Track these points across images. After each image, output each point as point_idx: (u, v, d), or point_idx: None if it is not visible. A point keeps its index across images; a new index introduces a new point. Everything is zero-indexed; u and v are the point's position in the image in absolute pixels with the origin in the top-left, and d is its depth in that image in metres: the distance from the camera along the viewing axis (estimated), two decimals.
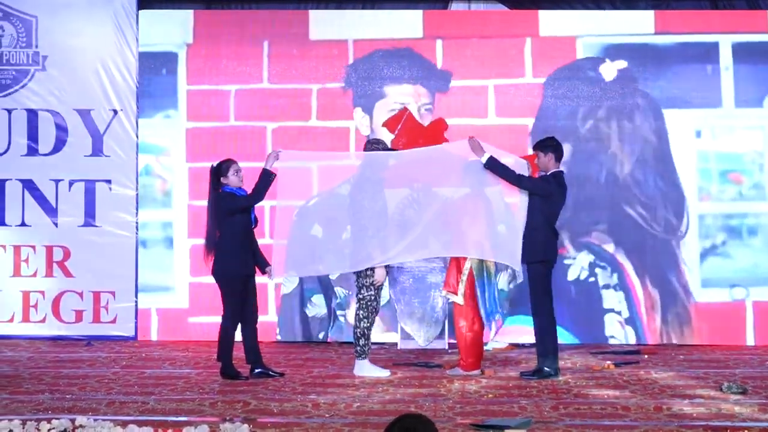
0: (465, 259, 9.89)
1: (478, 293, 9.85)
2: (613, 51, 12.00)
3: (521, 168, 9.82)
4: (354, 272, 10.00)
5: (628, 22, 12.04)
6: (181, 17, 12.10)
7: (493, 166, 9.63)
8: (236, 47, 12.06)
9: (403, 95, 12.01)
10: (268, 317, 11.66)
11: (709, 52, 11.94)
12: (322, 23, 12.06)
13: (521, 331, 11.63)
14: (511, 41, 12.05)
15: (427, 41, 12.03)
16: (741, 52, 11.87)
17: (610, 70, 11.92)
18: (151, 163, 12.10)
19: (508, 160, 9.83)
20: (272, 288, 11.82)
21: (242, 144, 11.87)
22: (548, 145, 9.86)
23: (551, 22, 12.00)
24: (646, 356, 11.06)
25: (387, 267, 9.98)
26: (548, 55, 11.97)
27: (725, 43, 11.86)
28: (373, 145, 10.16)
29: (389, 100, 12.02)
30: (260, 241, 9.90)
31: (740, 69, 11.87)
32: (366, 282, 9.88)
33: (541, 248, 9.70)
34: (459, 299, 9.89)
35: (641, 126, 11.88)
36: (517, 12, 12.17)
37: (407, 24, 12.07)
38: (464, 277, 9.89)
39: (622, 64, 11.88)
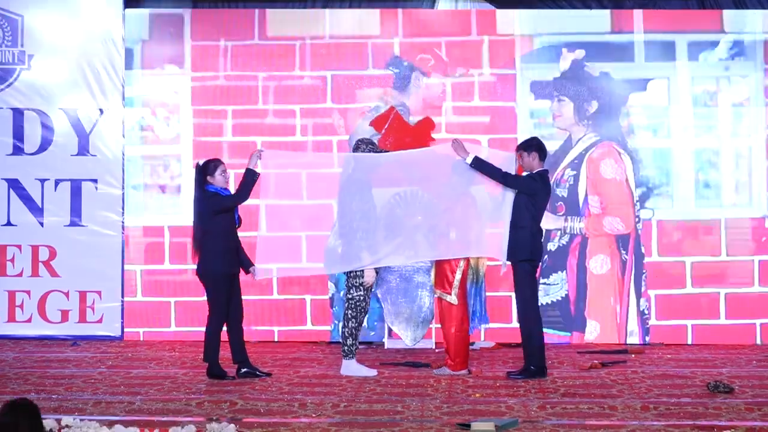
0: (459, 259, 9.94)
1: (469, 294, 9.90)
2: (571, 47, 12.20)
3: (510, 162, 9.91)
4: (344, 272, 10.02)
5: (585, 21, 12.26)
6: None
7: (480, 165, 9.67)
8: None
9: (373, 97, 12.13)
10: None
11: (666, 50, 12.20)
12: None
13: (506, 330, 11.67)
14: (469, 40, 12.13)
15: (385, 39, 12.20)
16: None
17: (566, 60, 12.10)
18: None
19: (499, 156, 9.92)
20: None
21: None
22: (532, 144, 9.91)
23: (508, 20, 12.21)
24: (633, 355, 11.07)
25: (376, 268, 10.01)
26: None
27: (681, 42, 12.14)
28: (360, 145, 10.18)
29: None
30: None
31: None
32: (356, 282, 9.91)
33: (527, 247, 9.73)
34: (453, 299, 9.90)
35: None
36: (477, 11, 12.28)
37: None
38: (458, 277, 9.93)
39: (580, 53, 12.01)
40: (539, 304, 10.11)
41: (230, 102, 12.10)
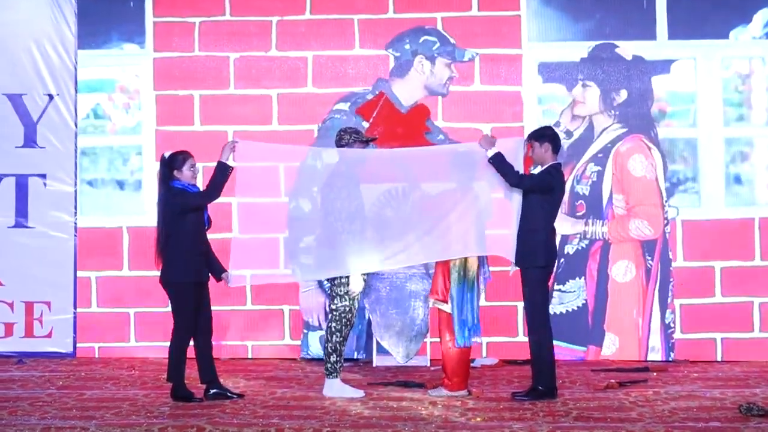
0: (449, 262, 9.93)
1: (455, 301, 9.89)
2: None
3: (519, 147, 9.97)
4: (327, 280, 10.02)
5: None
6: None
7: (498, 161, 9.67)
8: None
9: None
10: None
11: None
12: None
13: (512, 345, 11.70)
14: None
15: None
16: None
17: None
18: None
19: (507, 144, 9.95)
20: None
21: None
22: (545, 134, 9.90)
23: None
24: (654, 374, 11.10)
25: (364, 275, 10.00)
26: None
27: None
28: (344, 135, 10.12)
29: None
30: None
31: None
32: (340, 291, 9.87)
33: (540, 251, 9.75)
34: (448, 308, 9.89)
35: None
36: None
37: None
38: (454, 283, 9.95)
39: None
40: (551, 313, 10.10)
41: (198, 86, 12.10)
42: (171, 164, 9.68)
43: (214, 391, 9.73)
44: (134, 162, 12.21)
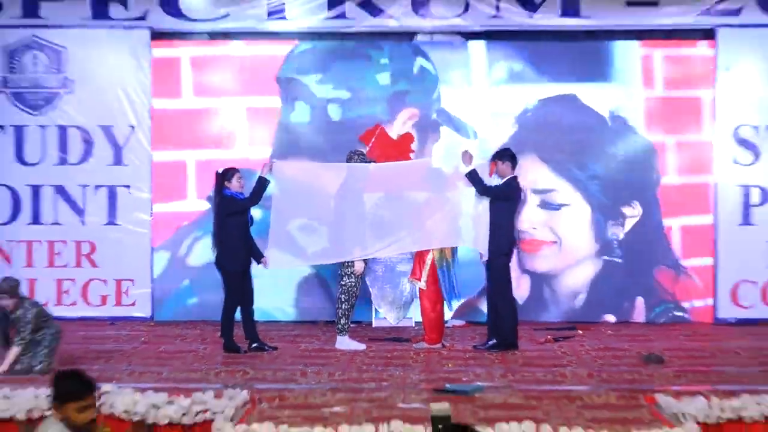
0: (428, 252, 10.01)
1: (440, 279, 9.99)
2: None
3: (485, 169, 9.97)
4: (339, 264, 10.08)
5: None
6: None
7: (473, 176, 9.72)
8: None
9: None
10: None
11: None
12: None
13: (475, 311, 11.57)
14: None
15: None
16: None
17: None
18: None
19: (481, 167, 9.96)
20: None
21: None
22: (506, 154, 9.93)
23: None
24: (580, 332, 11.05)
25: (365, 260, 10.07)
26: None
27: None
28: (352, 155, 10.22)
29: None
30: None
31: None
32: (348, 271, 9.94)
33: (505, 244, 9.78)
34: (422, 285, 10.00)
35: None
36: None
37: None
38: (427, 267, 9.99)
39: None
40: None
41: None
42: (224, 177, 9.76)
43: (255, 345, 9.80)
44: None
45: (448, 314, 10.77)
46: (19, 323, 8.48)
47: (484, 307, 10.70)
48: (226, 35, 11.98)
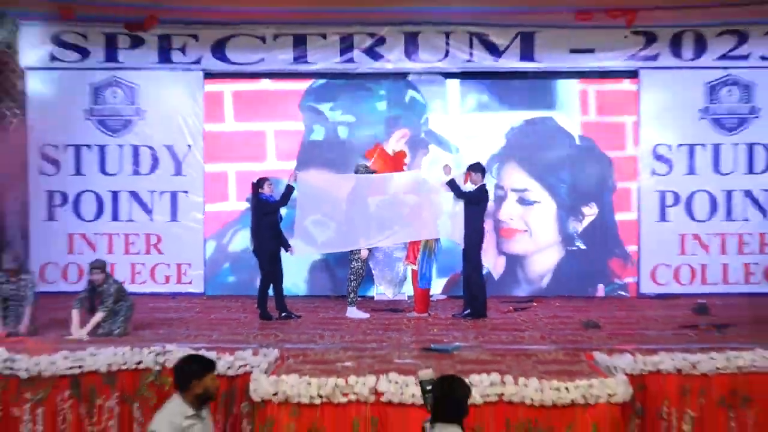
0: (419, 242, 10.00)
1: (420, 262, 9.98)
2: None
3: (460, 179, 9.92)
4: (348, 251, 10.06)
5: None
6: None
7: (451, 184, 9.70)
8: None
9: None
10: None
11: None
12: None
13: (455, 287, 11.42)
14: None
15: None
16: None
17: None
18: None
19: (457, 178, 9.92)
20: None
21: None
22: (477, 167, 9.90)
23: None
24: (535, 304, 10.98)
25: (369, 248, 10.06)
26: None
27: None
28: (359, 167, 10.31)
29: None
30: None
31: None
32: (355, 257, 9.94)
33: (476, 236, 9.74)
34: (416, 267, 10.01)
35: None
36: None
37: None
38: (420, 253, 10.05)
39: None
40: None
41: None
42: (258, 185, 9.80)
43: (284, 314, 9.77)
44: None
45: (434, 290, 10.73)
46: (103, 295, 8.49)
47: (461, 284, 10.60)
48: (260, 75, 11.90)
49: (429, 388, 4.78)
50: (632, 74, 11.69)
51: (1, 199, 10.97)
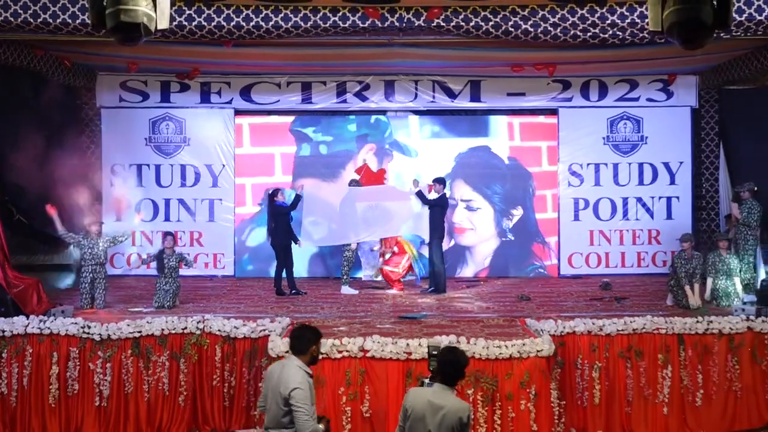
0: (393, 237, 9.98)
1: (413, 266, 10.10)
2: None
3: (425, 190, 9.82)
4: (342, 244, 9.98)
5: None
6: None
7: (419, 194, 9.62)
8: None
9: None
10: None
11: None
12: None
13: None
14: None
15: None
16: None
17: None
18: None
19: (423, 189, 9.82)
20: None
21: None
22: (440, 180, 9.82)
23: None
24: (482, 282, 10.89)
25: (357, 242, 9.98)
26: None
27: None
28: (352, 182, 10.23)
29: None
30: None
31: None
32: (347, 248, 9.86)
33: (438, 232, 9.65)
34: (399, 270, 9.99)
35: None
36: None
37: None
38: (394, 244, 10.01)
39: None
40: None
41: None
42: (274, 194, 9.71)
43: (294, 291, 9.63)
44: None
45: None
46: (168, 259, 8.68)
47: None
48: (275, 112, 11.75)
49: (435, 353, 4.64)
50: (553, 112, 11.64)
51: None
